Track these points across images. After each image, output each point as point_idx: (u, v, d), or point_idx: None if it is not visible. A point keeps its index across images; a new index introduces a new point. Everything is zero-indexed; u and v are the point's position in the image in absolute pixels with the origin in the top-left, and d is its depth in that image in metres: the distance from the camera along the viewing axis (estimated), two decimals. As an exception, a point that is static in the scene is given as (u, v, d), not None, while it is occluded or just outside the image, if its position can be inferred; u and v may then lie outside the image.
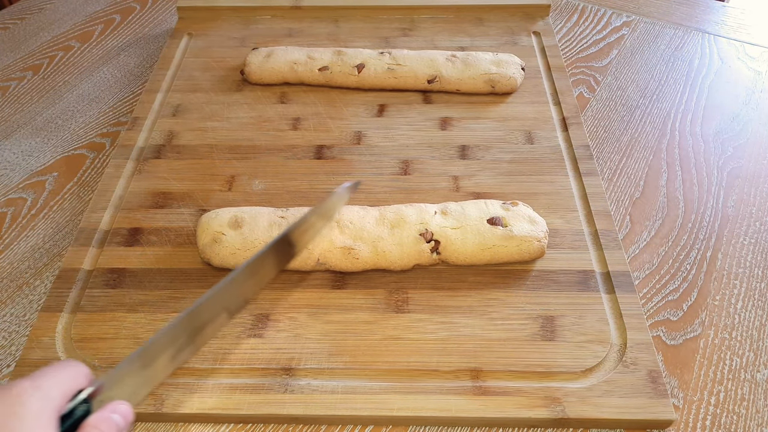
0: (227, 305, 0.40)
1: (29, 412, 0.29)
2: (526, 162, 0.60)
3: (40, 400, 0.30)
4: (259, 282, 0.44)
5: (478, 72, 0.67)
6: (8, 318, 0.50)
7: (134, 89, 0.74)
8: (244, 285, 0.41)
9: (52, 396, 0.31)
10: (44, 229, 0.57)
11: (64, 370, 0.32)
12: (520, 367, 0.44)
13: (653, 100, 0.71)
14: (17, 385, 0.30)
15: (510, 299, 0.48)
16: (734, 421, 0.43)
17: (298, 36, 0.78)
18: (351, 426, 0.43)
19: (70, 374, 0.32)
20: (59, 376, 0.32)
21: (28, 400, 0.29)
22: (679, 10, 0.87)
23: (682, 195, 0.60)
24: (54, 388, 0.31)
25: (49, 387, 0.31)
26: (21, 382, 0.30)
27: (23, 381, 0.30)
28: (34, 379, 0.31)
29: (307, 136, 0.63)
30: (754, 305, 0.50)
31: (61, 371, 0.32)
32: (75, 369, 0.33)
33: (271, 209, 0.51)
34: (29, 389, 0.30)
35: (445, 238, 0.49)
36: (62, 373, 0.32)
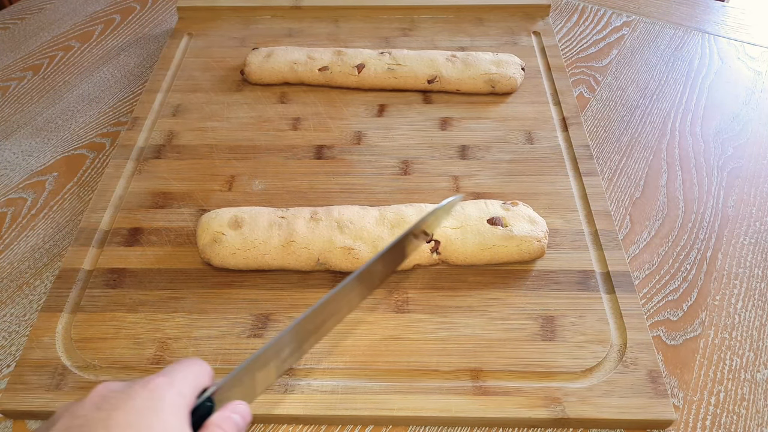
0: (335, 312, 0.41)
1: (166, 407, 0.30)
2: (526, 162, 0.60)
3: (175, 396, 0.31)
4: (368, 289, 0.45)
5: (478, 72, 0.67)
6: (8, 318, 0.50)
7: (134, 89, 0.74)
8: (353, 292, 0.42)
9: (185, 393, 0.31)
10: (44, 229, 0.57)
11: (192, 368, 0.33)
12: (520, 367, 0.44)
13: (653, 100, 0.71)
14: (152, 380, 0.31)
15: (510, 299, 0.48)
16: (734, 421, 0.43)
17: (298, 36, 0.78)
18: (351, 426, 0.43)
19: (198, 372, 0.33)
20: (189, 373, 0.33)
21: (165, 395, 0.30)
22: (679, 10, 0.87)
23: (682, 195, 0.60)
24: (186, 385, 0.32)
25: (181, 384, 0.32)
26: (156, 378, 0.31)
27: (158, 377, 0.31)
28: (168, 375, 0.32)
29: (307, 136, 0.63)
30: (754, 305, 0.50)
31: (190, 368, 0.33)
32: (201, 367, 0.34)
33: (271, 209, 0.51)
34: (165, 385, 0.31)
35: (445, 238, 0.49)
36: (191, 370, 0.33)
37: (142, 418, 0.29)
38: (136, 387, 0.30)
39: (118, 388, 0.31)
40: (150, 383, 0.31)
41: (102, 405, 0.29)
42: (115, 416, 0.29)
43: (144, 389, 0.30)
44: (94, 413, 0.29)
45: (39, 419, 0.43)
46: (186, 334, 0.46)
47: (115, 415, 0.29)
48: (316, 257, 0.49)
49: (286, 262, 0.49)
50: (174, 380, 0.31)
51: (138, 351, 0.45)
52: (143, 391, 0.30)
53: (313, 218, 0.50)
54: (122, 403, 0.29)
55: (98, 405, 0.29)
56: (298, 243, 0.48)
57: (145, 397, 0.30)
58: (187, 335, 0.46)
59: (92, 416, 0.29)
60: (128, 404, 0.29)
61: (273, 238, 0.49)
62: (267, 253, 0.48)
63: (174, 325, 0.46)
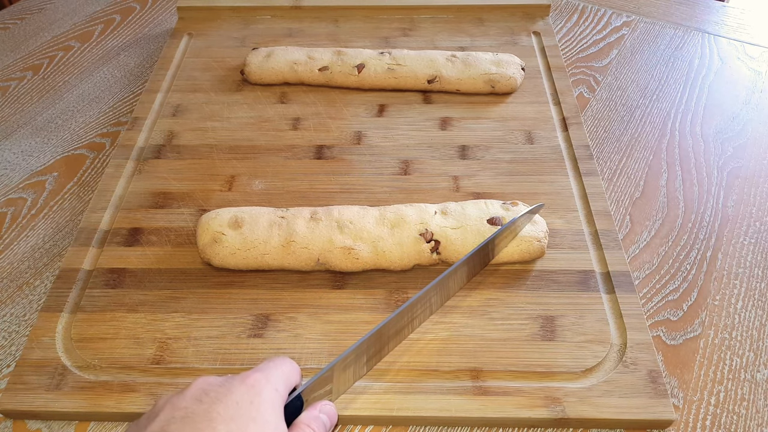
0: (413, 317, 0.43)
1: (264, 401, 0.31)
2: (526, 162, 0.60)
3: (272, 392, 0.32)
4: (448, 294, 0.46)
5: (478, 72, 0.67)
6: (8, 318, 0.50)
7: (134, 89, 0.74)
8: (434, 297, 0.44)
9: (280, 389, 0.33)
10: (44, 229, 0.57)
11: (284, 365, 0.34)
12: (520, 367, 0.44)
13: (653, 100, 0.71)
14: (250, 376, 0.32)
15: (510, 299, 0.48)
16: (734, 421, 0.43)
17: (298, 36, 0.78)
18: (351, 426, 0.43)
19: (289, 371, 0.35)
20: (283, 371, 0.34)
21: (263, 390, 0.31)
22: (679, 10, 0.87)
23: (682, 195, 0.60)
24: (281, 382, 0.33)
25: (277, 381, 0.33)
26: (253, 374, 0.32)
27: (255, 373, 0.32)
28: (264, 371, 0.33)
29: (307, 136, 0.63)
30: (754, 305, 0.50)
31: (283, 366, 0.34)
32: (292, 366, 0.35)
33: (271, 209, 0.51)
34: (262, 380, 0.32)
35: (445, 238, 0.49)
36: (284, 367, 0.34)
37: (242, 412, 0.30)
38: (234, 382, 0.31)
39: (218, 382, 0.32)
40: (248, 378, 0.32)
41: (203, 398, 0.30)
42: (216, 409, 0.30)
43: (243, 384, 0.31)
44: (196, 406, 0.30)
45: (39, 419, 0.43)
46: (186, 334, 0.46)
47: (216, 408, 0.30)
48: (316, 257, 0.49)
49: (286, 262, 0.49)
50: (270, 377, 0.33)
51: (138, 351, 0.45)
52: (242, 386, 0.31)
53: (313, 218, 0.50)
54: (223, 397, 0.30)
55: (199, 398, 0.30)
56: (298, 243, 0.48)
57: (244, 392, 0.31)
58: (187, 335, 0.46)
59: (194, 408, 0.30)
60: (229, 398, 0.30)
61: (273, 238, 0.49)
62: (267, 253, 0.48)
63: (174, 325, 0.46)
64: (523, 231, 0.49)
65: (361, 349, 0.39)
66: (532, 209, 0.48)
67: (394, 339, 0.43)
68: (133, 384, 0.43)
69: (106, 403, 0.42)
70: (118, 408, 0.42)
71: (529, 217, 0.49)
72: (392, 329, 0.41)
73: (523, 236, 0.49)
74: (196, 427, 0.29)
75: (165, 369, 0.44)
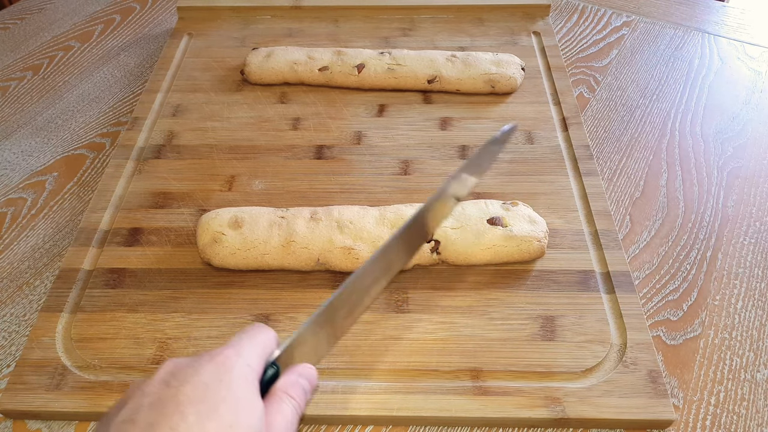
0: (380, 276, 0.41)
1: (235, 378, 0.30)
2: (526, 162, 0.60)
3: (244, 367, 0.30)
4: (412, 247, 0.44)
5: (478, 72, 0.67)
6: (8, 318, 0.50)
7: (134, 89, 0.74)
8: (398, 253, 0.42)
9: (253, 363, 0.31)
10: (44, 229, 0.57)
11: (258, 336, 0.33)
12: (520, 367, 0.44)
13: (653, 100, 0.71)
14: (220, 353, 0.31)
15: (510, 299, 0.48)
16: (734, 421, 0.43)
17: (298, 36, 0.78)
18: (351, 426, 0.43)
19: (264, 340, 0.33)
20: (256, 342, 0.32)
21: (233, 367, 0.30)
22: (679, 10, 0.87)
23: (682, 195, 0.60)
24: (253, 355, 0.32)
25: (249, 354, 0.31)
26: (224, 351, 0.31)
27: (225, 349, 0.31)
28: (234, 346, 0.31)
29: (307, 136, 0.63)
30: (754, 305, 0.50)
31: (257, 337, 0.33)
32: (267, 334, 0.34)
33: (271, 209, 0.51)
34: (232, 357, 0.31)
35: (445, 238, 0.49)
36: (258, 339, 0.33)
37: (211, 392, 0.29)
38: (202, 361, 0.30)
39: (186, 363, 0.30)
40: (217, 356, 0.30)
41: (171, 381, 0.29)
42: (184, 391, 0.28)
43: (211, 362, 0.30)
44: (164, 390, 0.29)
45: (39, 419, 0.43)
46: (186, 334, 0.46)
47: (184, 390, 0.28)
48: (316, 257, 0.49)
49: (286, 262, 0.49)
50: (242, 351, 0.31)
51: (138, 351, 0.45)
52: (210, 364, 0.30)
53: (313, 218, 0.50)
54: (190, 378, 0.29)
55: (167, 381, 0.29)
56: (298, 243, 0.48)
57: (212, 371, 0.30)
58: (187, 335, 0.46)
59: (161, 393, 0.29)
60: (196, 378, 0.29)
61: (273, 238, 0.49)
62: (267, 253, 0.48)
63: (174, 325, 0.46)
64: (523, 231, 0.49)
65: (334, 307, 0.37)
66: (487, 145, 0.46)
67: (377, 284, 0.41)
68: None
69: (106, 403, 0.42)
70: (118, 408, 0.41)
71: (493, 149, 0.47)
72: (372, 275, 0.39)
73: (523, 236, 0.49)
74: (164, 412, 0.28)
75: (165, 369, 0.44)
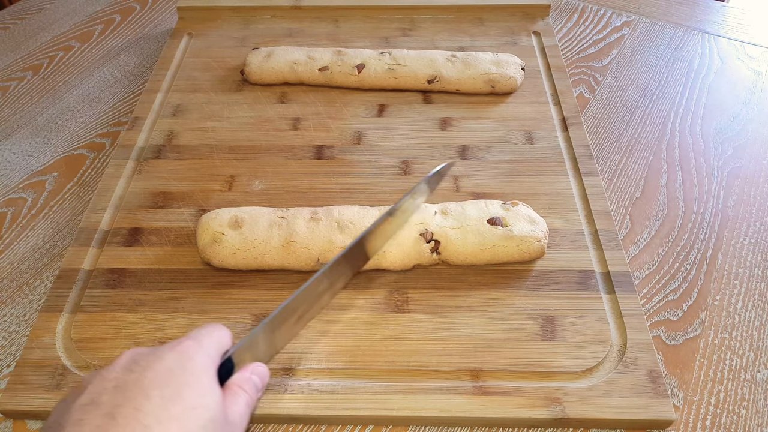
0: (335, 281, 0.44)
1: (197, 367, 0.31)
2: (526, 162, 0.60)
3: (204, 357, 0.32)
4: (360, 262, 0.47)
5: (478, 72, 0.67)
6: (8, 318, 0.50)
7: (134, 89, 0.74)
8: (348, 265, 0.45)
9: (212, 354, 0.33)
10: (44, 229, 0.57)
11: (216, 332, 0.35)
12: (520, 367, 0.44)
13: (653, 100, 0.71)
14: (181, 343, 0.32)
15: (510, 299, 0.48)
16: (734, 421, 0.43)
17: (298, 36, 0.78)
18: (351, 426, 0.43)
19: (221, 336, 0.35)
20: (214, 335, 0.34)
21: (194, 356, 0.32)
22: (679, 10, 0.87)
23: (682, 195, 0.60)
24: (212, 347, 0.33)
25: (208, 345, 0.33)
26: (185, 341, 0.32)
27: (186, 340, 0.33)
28: (195, 338, 0.33)
29: (307, 136, 0.63)
30: (754, 305, 0.50)
31: (214, 332, 0.35)
32: (223, 331, 0.36)
33: (271, 209, 0.51)
34: (194, 346, 0.32)
35: (445, 238, 0.49)
36: (215, 334, 0.35)
37: (175, 377, 0.30)
38: (164, 349, 0.31)
39: (148, 351, 0.31)
40: (179, 345, 0.32)
41: (134, 367, 0.30)
42: (147, 376, 0.29)
43: (174, 351, 0.31)
44: (127, 375, 0.30)
45: (39, 419, 0.43)
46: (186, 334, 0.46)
47: (147, 375, 0.29)
48: (316, 257, 0.49)
49: (286, 262, 0.49)
50: (201, 342, 0.33)
51: (138, 351, 0.45)
52: (173, 352, 0.31)
53: (313, 218, 0.50)
54: (154, 364, 0.30)
55: (130, 368, 0.30)
56: (298, 243, 0.48)
57: (175, 358, 0.31)
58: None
59: (125, 378, 0.29)
60: (160, 365, 0.30)
61: (273, 238, 0.49)
62: (267, 253, 0.48)
63: (174, 325, 0.46)
64: (523, 231, 0.49)
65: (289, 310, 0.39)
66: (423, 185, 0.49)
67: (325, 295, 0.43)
68: (133, 384, 0.43)
69: (106, 403, 0.42)
70: (118, 408, 0.41)
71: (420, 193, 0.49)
72: (321, 286, 0.41)
73: (523, 236, 0.49)
74: (128, 395, 0.28)
75: (165, 369, 0.44)
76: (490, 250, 0.49)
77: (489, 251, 0.49)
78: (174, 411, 0.28)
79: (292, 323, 0.41)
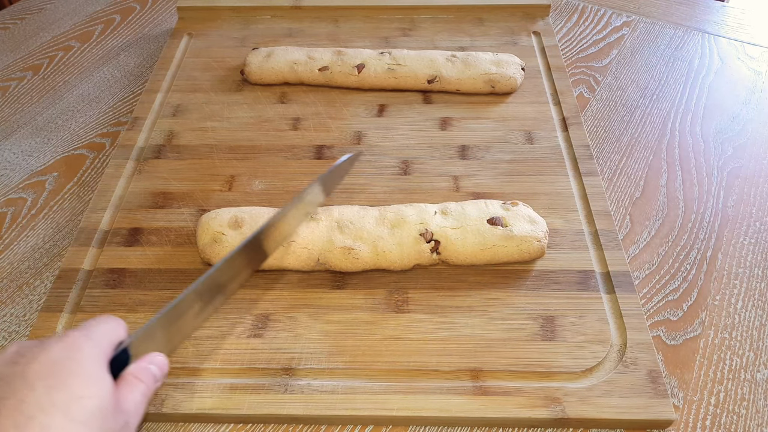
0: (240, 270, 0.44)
1: (84, 356, 0.31)
2: (526, 162, 0.60)
3: (93, 347, 0.32)
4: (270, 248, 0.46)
5: (478, 72, 0.67)
6: (8, 318, 0.50)
7: (134, 89, 0.74)
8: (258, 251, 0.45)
9: (101, 344, 0.33)
10: (44, 229, 0.57)
11: (106, 323, 0.35)
12: (520, 367, 0.44)
13: (653, 100, 0.71)
14: (68, 334, 0.33)
15: (510, 299, 0.48)
16: (734, 421, 0.43)
17: (298, 36, 0.78)
18: (351, 426, 0.43)
19: (113, 327, 0.35)
20: (104, 327, 0.35)
21: (83, 346, 0.32)
22: (679, 10, 0.87)
23: (682, 195, 0.60)
24: (102, 338, 0.34)
25: (97, 336, 0.33)
26: (73, 332, 0.33)
27: (75, 331, 0.33)
28: (83, 329, 0.33)
29: (307, 136, 0.63)
30: (754, 305, 0.50)
31: (105, 323, 0.35)
32: (115, 322, 0.36)
33: (271, 209, 0.51)
34: (81, 337, 0.32)
35: (445, 238, 0.49)
36: (106, 325, 0.35)
37: (60, 367, 0.30)
38: (51, 341, 0.32)
39: (33, 344, 0.32)
40: (65, 337, 0.32)
41: (18, 360, 0.30)
42: (33, 368, 0.29)
43: (60, 342, 0.31)
44: (10, 368, 0.30)
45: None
46: (186, 334, 0.46)
47: (32, 367, 0.29)
48: (316, 257, 0.49)
49: (286, 262, 0.49)
50: (90, 334, 0.33)
51: (138, 351, 0.45)
52: (59, 344, 0.31)
53: (313, 218, 0.50)
54: (39, 356, 0.30)
55: (14, 360, 0.30)
56: (298, 243, 0.48)
57: (62, 349, 0.31)
58: (187, 335, 0.46)
59: (8, 371, 0.29)
60: (45, 356, 0.30)
61: (273, 238, 0.49)
62: (267, 253, 0.48)
63: (174, 325, 0.46)
64: (523, 231, 0.49)
65: (191, 299, 0.39)
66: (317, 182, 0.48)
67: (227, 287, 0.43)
68: (133, 384, 0.43)
69: (106, 403, 0.42)
70: (118, 408, 0.41)
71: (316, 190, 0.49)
72: (223, 277, 0.41)
73: (523, 236, 0.49)
74: (11, 388, 0.28)
75: (165, 369, 0.44)
76: (490, 250, 0.49)
77: (489, 251, 0.49)
78: (59, 400, 0.29)
79: (192, 316, 0.41)
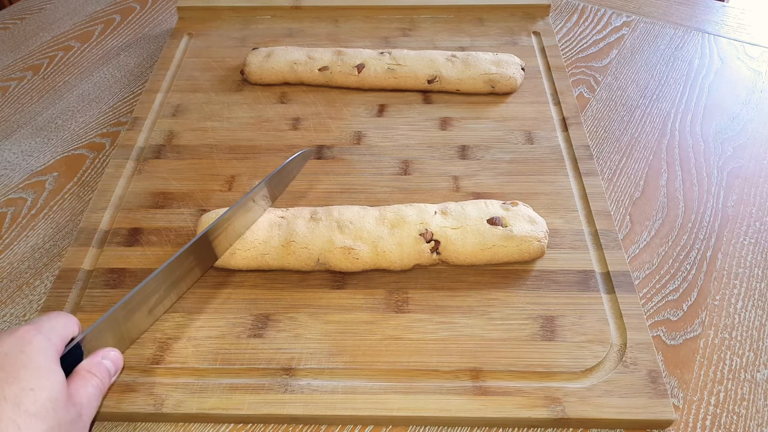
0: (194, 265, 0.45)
1: (35, 350, 0.32)
2: (526, 162, 0.60)
3: (43, 341, 0.33)
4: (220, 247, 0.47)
5: (478, 72, 0.67)
6: (8, 318, 0.50)
7: (134, 89, 0.74)
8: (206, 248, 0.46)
9: (52, 338, 0.34)
10: (44, 229, 0.57)
11: (59, 318, 0.36)
12: (520, 367, 0.44)
13: (653, 100, 0.71)
14: (20, 329, 0.33)
15: (510, 299, 0.48)
16: (734, 421, 0.43)
17: (298, 36, 0.78)
18: (351, 426, 0.43)
19: (64, 322, 0.36)
20: (56, 322, 0.35)
21: (33, 339, 0.32)
22: (679, 10, 0.87)
23: (682, 195, 0.60)
24: (53, 332, 0.34)
25: (48, 331, 0.34)
26: (23, 327, 0.33)
27: (26, 325, 0.33)
28: (34, 324, 0.34)
29: (307, 136, 0.63)
30: (754, 305, 0.50)
31: (57, 319, 0.36)
32: (67, 318, 0.37)
33: (271, 209, 0.51)
34: (32, 331, 0.33)
35: (445, 238, 0.49)
36: (58, 320, 0.35)
37: (10, 360, 0.31)
38: (2, 335, 0.32)
39: None
40: (17, 331, 0.33)
41: None
42: None
43: (10, 336, 0.32)
44: None
45: (39, 419, 0.43)
46: (186, 334, 0.46)
47: None
48: (316, 257, 0.49)
49: (286, 262, 0.49)
50: (41, 328, 0.33)
51: (138, 351, 0.45)
52: (10, 338, 0.32)
53: (313, 218, 0.50)
54: None
55: None
56: (298, 243, 0.48)
57: (12, 343, 0.32)
58: (187, 335, 0.46)
59: None
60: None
61: (273, 238, 0.49)
62: (267, 253, 0.48)
63: (174, 325, 0.46)
64: (523, 231, 0.49)
65: (142, 297, 0.39)
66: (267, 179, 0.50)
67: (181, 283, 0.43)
68: (133, 384, 0.43)
69: (106, 403, 0.42)
70: (118, 408, 0.41)
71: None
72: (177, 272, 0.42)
73: (523, 236, 0.49)
74: None
75: (165, 369, 0.44)
76: (490, 250, 0.49)
77: (489, 251, 0.49)
78: (9, 393, 0.29)
79: (145, 313, 0.42)
